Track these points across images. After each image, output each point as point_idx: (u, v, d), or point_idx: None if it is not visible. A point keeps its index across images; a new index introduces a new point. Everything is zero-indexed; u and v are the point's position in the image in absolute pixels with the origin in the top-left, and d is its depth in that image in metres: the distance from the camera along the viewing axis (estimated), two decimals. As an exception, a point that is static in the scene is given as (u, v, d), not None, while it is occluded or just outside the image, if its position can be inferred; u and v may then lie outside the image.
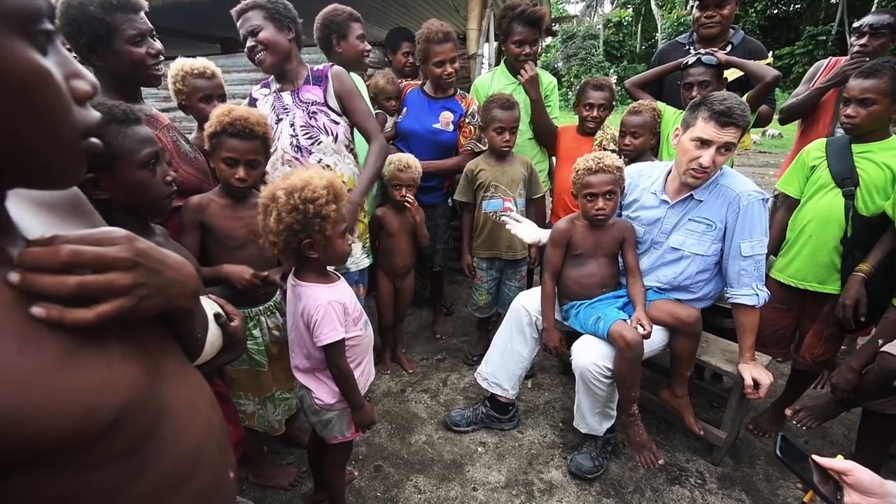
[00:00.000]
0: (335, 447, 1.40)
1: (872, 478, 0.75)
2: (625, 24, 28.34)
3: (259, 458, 1.72)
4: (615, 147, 2.21)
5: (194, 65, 1.73)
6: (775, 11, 21.73)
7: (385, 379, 2.37)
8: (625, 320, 1.62)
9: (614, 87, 2.43)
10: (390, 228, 2.22)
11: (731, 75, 2.05)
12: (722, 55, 2.01)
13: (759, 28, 20.59)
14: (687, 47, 2.34)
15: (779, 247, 1.90)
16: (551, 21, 5.33)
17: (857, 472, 0.75)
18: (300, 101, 1.76)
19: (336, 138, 1.79)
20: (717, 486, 1.75)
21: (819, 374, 2.09)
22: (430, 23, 2.21)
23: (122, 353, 0.47)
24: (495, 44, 4.12)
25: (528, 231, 1.96)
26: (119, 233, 0.47)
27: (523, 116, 2.32)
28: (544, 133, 2.43)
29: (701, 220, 1.66)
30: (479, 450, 1.91)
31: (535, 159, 2.41)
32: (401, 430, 2.02)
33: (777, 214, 1.94)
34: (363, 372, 1.36)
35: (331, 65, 1.81)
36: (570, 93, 18.81)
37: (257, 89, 1.90)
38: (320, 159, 1.79)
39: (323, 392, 1.31)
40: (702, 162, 1.53)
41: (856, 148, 1.69)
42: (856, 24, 2.17)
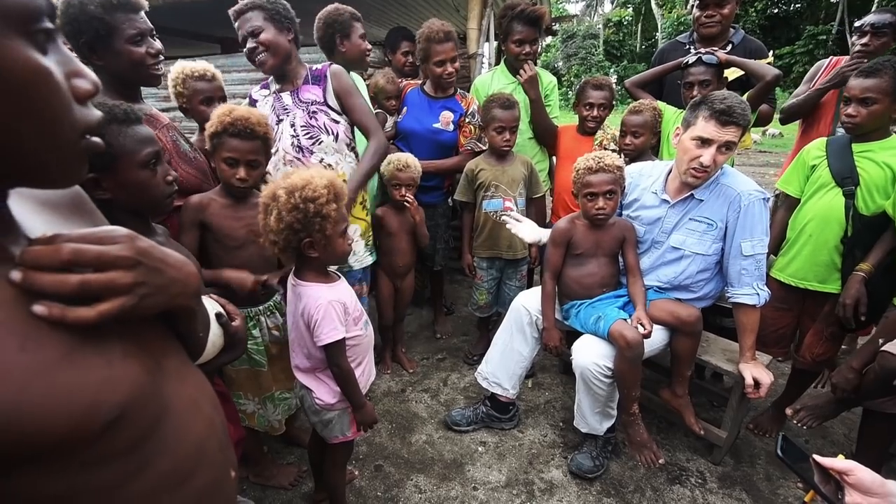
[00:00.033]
0: (336, 447, 1.40)
1: (873, 477, 0.75)
2: (625, 23, 28.33)
3: (259, 458, 1.73)
4: (615, 147, 2.21)
5: (194, 67, 1.73)
6: (775, 11, 21.71)
7: (385, 378, 2.37)
8: (625, 320, 1.62)
9: (614, 86, 2.43)
10: (390, 228, 2.22)
11: (732, 74, 2.05)
12: (722, 54, 2.01)
13: (759, 27, 20.57)
14: (687, 47, 2.34)
15: (779, 246, 1.90)
16: (551, 20, 5.35)
17: (858, 472, 0.75)
18: (300, 101, 1.76)
19: (337, 137, 1.79)
20: (717, 485, 1.75)
21: (819, 373, 2.09)
22: (431, 22, 2.21)
23: (123, 351, 0.47)
24: (495, 43, 4.12)
25: (528, 230, 1.96)
26: (120, 231, 0.47)
27: (523, 116, 2.32)
28: (544, 132, 2.43)
29: (702, 220, 1.66)
30: (479, 449, 1.91)
31: (535, 159, 2.41)
32: (401, 429, 2.03)
33: (777, 214, 1.94)
34: (364, 371, 1.36)
35: (329, 64, 1.80)
36: (570, 92, 18.78)
37: (257, 90, 1.90)
38: (322, 159, 1.79)
39: (323, 392, 1.31)
40: (702, 161, 1.53)
41: (856, 147, 1.69)
42: (857, 24, 2.17)
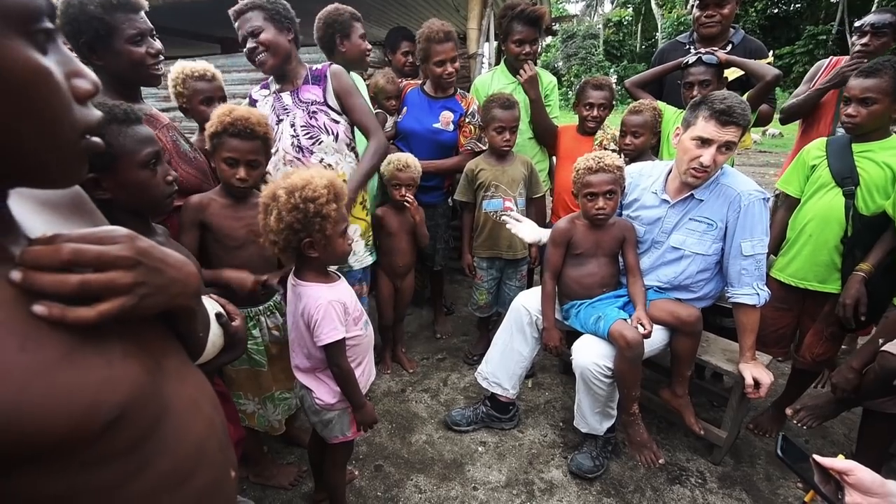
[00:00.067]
0: (336, 447, 1.40)
1: (874, 477, 0.75)
2: (625, 23, 28.33)
3: (259, 458, 1.73)
4: (615, 147, 2.21)
5: (194, 68, 1.73)
6: (775, 11, 21.71)
7: (385, 378, 2.37)
8: (625, 320, 1.62)
9: (614, 86, 2.43)
10: (390, 228, 2.22)
11: (732, 74, 2.05)
12: (722, 54, 2.01)
13: (759, 27, 20.57)
14: (687, 46, 2.34)
15: (779, 246, 1.90)
16: (551, 20, 5.35)
17: (858, 472, 0.75)
18: (300, 101, 1.76)
19: (337, 137, 1.79)
20: (717, 485, 1.75)
21: (819, 373, 2.09)
22: (431, 22, 2.21)
23: (123, 351, 0.47)
24: (495, 43, 4.12)
25: (528, 230, 1.96)
26: (120, 231, 0.47)
27: (523, 116, 2.32)
28: (544, 132, 2.42)
29: (702, 220, 1.66)
30: (479, 449, 1.91)
31: (535, 159, 2.41)
32: (401, 429, 2.02)
33: (777, 214, 1.94)
34: (364, 371, 1.36)
35: (329, 63, 1.80)
36: (570, 92, 18.78)
37: (257, 90, 1.89)
38: (322, 159, 1.79)
39: (323, 392, 1.31)
40: (702, 161, 1.53)
41: (856, 147, 1.69)
42: (857, 24, 2.17)
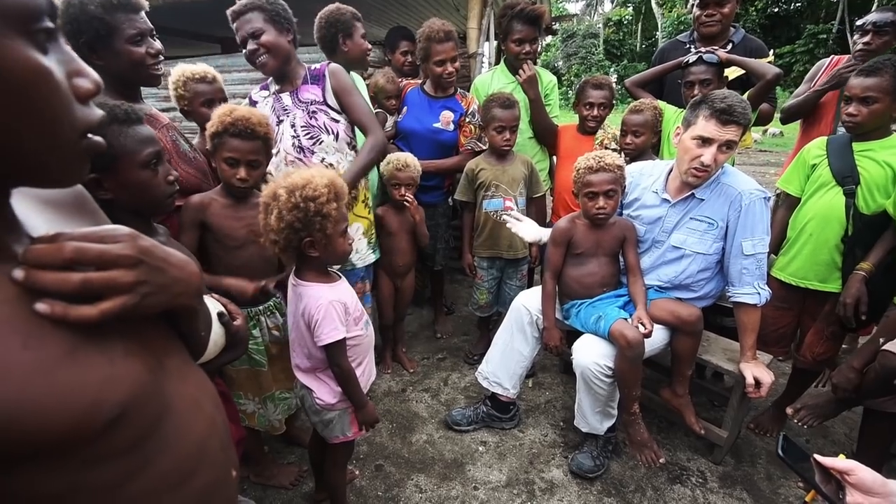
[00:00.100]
0: (336, 447, 1.40)
1: (875, 477, 0.74)
2: (625, 22, 28.33)
3: (260, 458, 1.73)
4: (616, 146, 2.21)
5: (195, 70, 1.74)
6: (776, 10, 21.68)
7: (386, 378, 2.37)
8: (626, 319, 1.62)
9: (614, 85, 2.43)
10: (390, 227, 2.22)
11: (732, 73, 2.05)
12: (723, 53, 2.01)
13: (759, 26, 20.54)
14: (688, 46, 2.33)
15: (779, 245, 1.90)
16: (551, 19, 5.35)
17: (859, 472, 0.75)
18: (300, 102, 1.76)
19: (337, 136, 1.79)
20: (718, 485, 1.75)
21: (820, 372, 2.08)
22: (432, 22, 2.21)
23: (124, 349, 0.47)
24: (495, 42, 4.12)
25: (528, 229, 1.96)
26: (122, 230, 0.47)
27: (523, 115, 2.32)
28: (544, 132, 2.42)
29: (702, 219, 1.66)
30: (480, 449, 1.91)
31: (535, 158, 2.41)
32: (402, 429, 2.03)
33: (778, 213, 1.94)
34: (364, 371, 1.36)
35: (327, 63, 1.80)
36: (570, 92, 18.78)
37: (256, 91, 1.89)
38: (323, 158, 1.79)
39: (324, 392, 1.31)
40: (703, 160, 1.53)
41: (856, 146, 1.69)
42: (859, 22, 2.16)
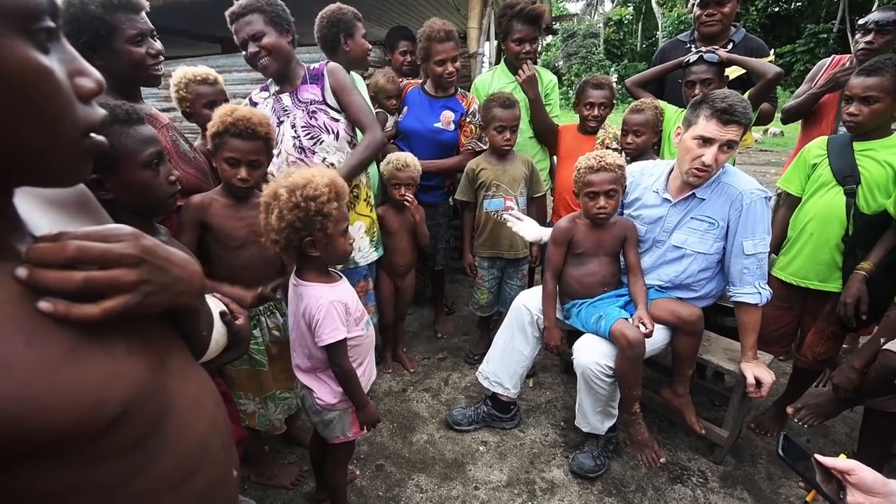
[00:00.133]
0: (337, 447, 1.40)
1: (875, 477, 0.74)
2: (625, 22, 28.32)
3: (260, 458, 1.73)
4: (617, 146, 2.21)
5: (196, 72, 1.75)
6: (776, 9, 21.66)
7: (386, 378, 2.37)
8: (626, 319, 1.62)
9: (615, 85, 2.43)
10: (390, 227, 2.22)
11: (733, 73, 2.05)
12: (724, 53, 2.01)
13: (760, 26, 20.53)
14: (688, 45, 2.33)
15: (780, 245, 1.90)
16: (551, 19, 5.35)
17: (860, 472, 0.75)
18: (299, 102, 1.76)
19: (337, 136, 1.79)
20: (718, 484, 1.74)
21: (821, 372, 2.08)
22: (432, 21, 2.21)
23: (127, 348, 0.47)
24: (496, 42, 4.12)
25: (529, 229, 1.96)
26: (125, 230, 0.47)
27: (524, 115, 2.32)
28: (544, 132, 2.42)
29: (703, 219, 1.66)
30: (480, 449, 1.92)
31: (535, 158, 2.41)
32: (402, 429, 2.03)
33: (778, 213, 1.94)
34: (364, 371, 1.36)
35: (326, 62, 1.80)
36: (570, 91, 18.77)
37: (257, 92, 1.89)
38: (324, 158, 1.79)
39: (324, 392, 1.31)
40: (704, 160, 1.53)
41: (857, 146, 1.69)
42: (861, 22, 2.16)
